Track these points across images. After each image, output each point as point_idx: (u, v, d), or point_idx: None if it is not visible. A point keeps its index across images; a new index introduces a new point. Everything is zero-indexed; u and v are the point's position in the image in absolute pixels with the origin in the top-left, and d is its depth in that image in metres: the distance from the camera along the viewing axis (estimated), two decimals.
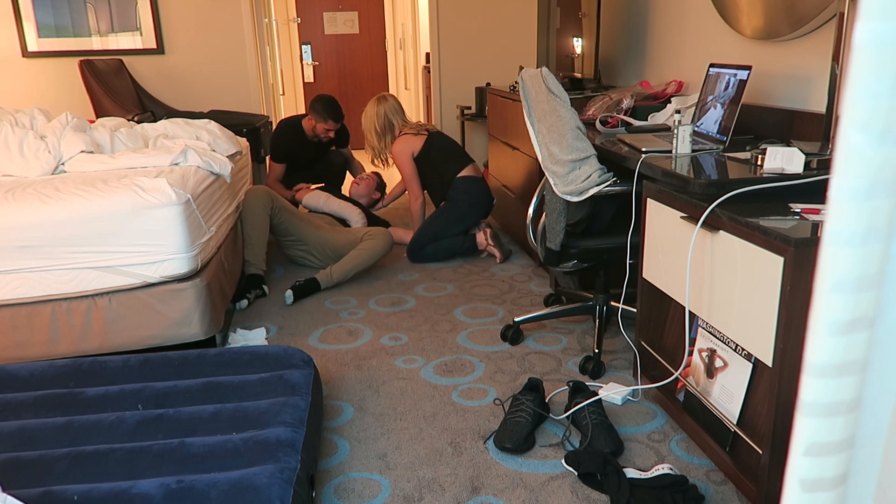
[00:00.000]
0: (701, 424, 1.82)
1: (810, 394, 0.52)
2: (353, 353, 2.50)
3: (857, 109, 0.46)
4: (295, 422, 1.61)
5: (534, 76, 2.19)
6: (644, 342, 2.14)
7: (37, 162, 2.62)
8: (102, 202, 2.21)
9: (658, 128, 2.55)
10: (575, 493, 1.68)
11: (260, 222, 3.19)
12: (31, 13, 4.54)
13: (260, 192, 3.24)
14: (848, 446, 0.54)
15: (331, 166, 4.46)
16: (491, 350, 2.49)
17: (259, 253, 3.17)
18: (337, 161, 4.49)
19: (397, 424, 2.01)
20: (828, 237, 0.49)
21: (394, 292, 3.13)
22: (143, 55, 4.74)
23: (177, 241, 2.26)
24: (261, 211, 3.20)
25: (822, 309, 0.50)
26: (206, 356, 1.95)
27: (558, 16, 3.75)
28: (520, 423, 1.88)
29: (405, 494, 1.69)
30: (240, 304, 2.95)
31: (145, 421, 1.62)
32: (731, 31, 2.58)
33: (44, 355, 2.29)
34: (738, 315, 1.57)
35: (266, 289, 3.11)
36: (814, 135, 2.11)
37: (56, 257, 2.21)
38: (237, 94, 4.91)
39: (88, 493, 1.32)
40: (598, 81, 3.34)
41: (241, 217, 3.19)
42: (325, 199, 3.82)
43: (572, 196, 2.12)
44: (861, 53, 0.45)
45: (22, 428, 1.60)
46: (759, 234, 1.46)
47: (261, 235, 3.19)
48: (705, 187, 1.67)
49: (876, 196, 0.47)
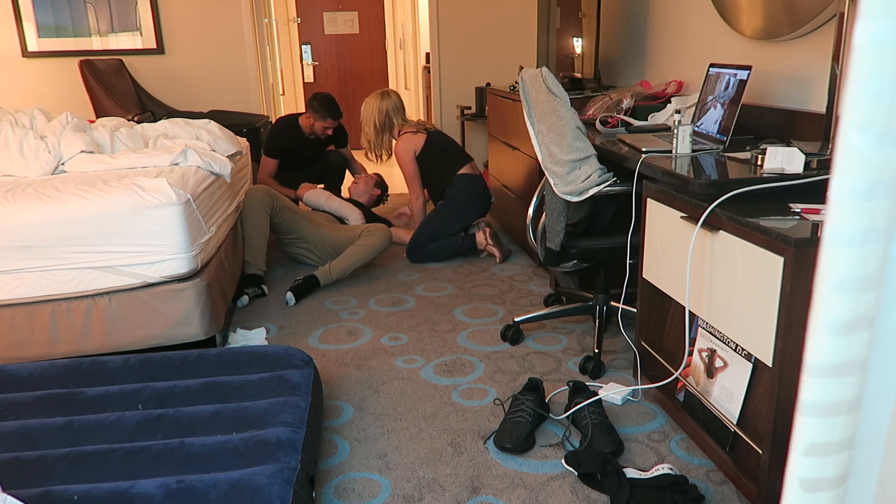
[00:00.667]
0: (701, 424, 1.83)
1: (810, 394, 0.52)
2: (353, 353, 2.50)
3: (857, 109, 0.46)
4: (295, 422, 1.61)
5: (534, 76, 2.19)
6: (644, 342, 2.14)
7: (37, 162, 2.62)
8: (102, 202, 2.21)
9: (658, 128, 2.55)
10: (575, 493, 1.68)
11: (260, 222, 3.19)
12: (31, 13, 4.54)
13: (260, 192, 3.25)
14: (848, 446, 0.54)
15: (331, 166, 4.46)
16: (491, 350, 2.49)
17: (259, 253, 3.17)
18: (336, 161, 4.49)
19: (397, 424, 2.01)
20: (828, 237, 0.49)
21: (394, 292, 3.12)
22: (143, 55, 4.74)
23: (177, 241, 2.26)
24: (261, 211, 3.20)
25: (822, 309, 0.50)
26: (206, 356, 1.95)
27: (558, 16, 3.75)
28: (520, 423, 1.88)
29: (405, 494, 1.69)
30: (240, 300, 2.95)
31: (145, 421, 1.62)
32: (731, 31, 2.58)
33: (44, 355, 2.29)
34: (738, 315, 1.57)
35: (265, 289, 3.11)
36: (814, 135, 2.11)
37: (56, 257, 2.21)
38: (237, 94, 4.91)
39: (88, 493, 1.32)
40: (598, 81, 3.34)
41: (241, 217, 3.19)
42: (326, 198, 3.83)
43: (572, 196, 2.12)
44: (861, 53, 0.45)
45: (22, 428, 1.60)
46: (759, 234, 1.46)
47: (261, 236, 3.19)
48: (705, 187, 1.67)
49: (876, 196, 0.47)
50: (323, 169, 4.44)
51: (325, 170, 4.44)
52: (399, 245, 3.77)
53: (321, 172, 4.43)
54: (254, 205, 3.20)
